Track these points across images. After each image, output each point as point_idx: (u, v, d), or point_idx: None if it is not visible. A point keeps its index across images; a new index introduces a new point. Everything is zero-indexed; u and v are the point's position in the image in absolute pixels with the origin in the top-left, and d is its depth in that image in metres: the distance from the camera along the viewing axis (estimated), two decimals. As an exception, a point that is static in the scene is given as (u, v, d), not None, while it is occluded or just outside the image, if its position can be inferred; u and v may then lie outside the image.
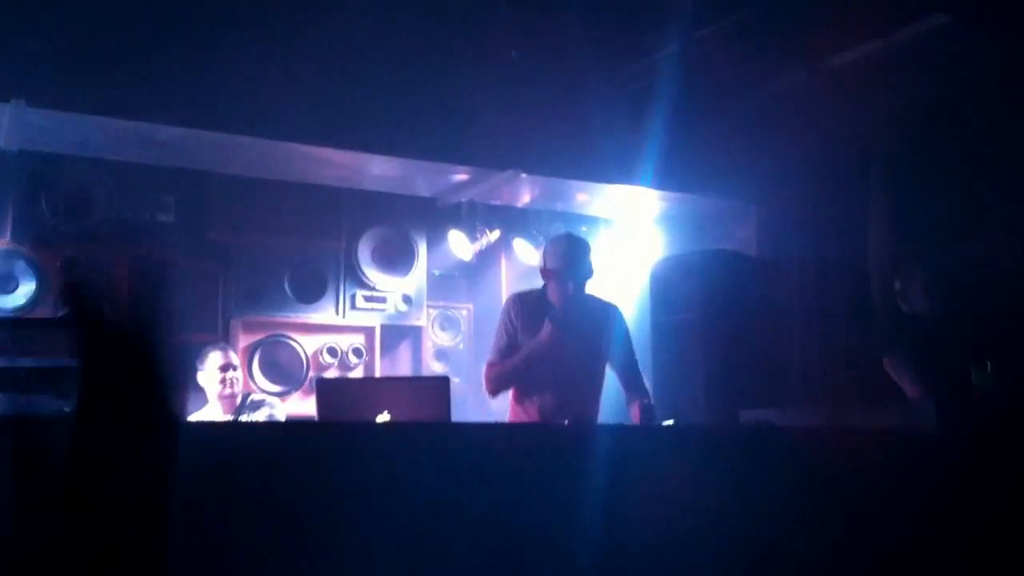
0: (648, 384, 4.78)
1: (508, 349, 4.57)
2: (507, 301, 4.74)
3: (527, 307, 4.62)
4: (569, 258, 4.58)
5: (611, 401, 4.67)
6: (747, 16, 5.09)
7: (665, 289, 5.04)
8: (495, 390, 4.55)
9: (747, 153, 6.23)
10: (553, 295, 4.63)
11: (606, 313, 4.72)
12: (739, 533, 3.14)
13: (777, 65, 5.83)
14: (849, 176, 5.96)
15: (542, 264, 4.69)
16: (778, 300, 5.20)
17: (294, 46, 5.33)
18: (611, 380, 4.66)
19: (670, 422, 3.86)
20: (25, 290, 5.64)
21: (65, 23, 4.81)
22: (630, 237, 7.14)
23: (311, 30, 5.25)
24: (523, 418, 4.50)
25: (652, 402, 4.26)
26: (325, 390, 3.49)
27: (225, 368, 5.11)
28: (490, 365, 4.59)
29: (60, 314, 4.97)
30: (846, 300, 5.58)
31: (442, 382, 3.39)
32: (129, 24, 4.91)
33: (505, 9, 5.14)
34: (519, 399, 4.59)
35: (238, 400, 5.18)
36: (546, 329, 4.39)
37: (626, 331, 4.72)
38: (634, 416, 4.27)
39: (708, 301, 4.69)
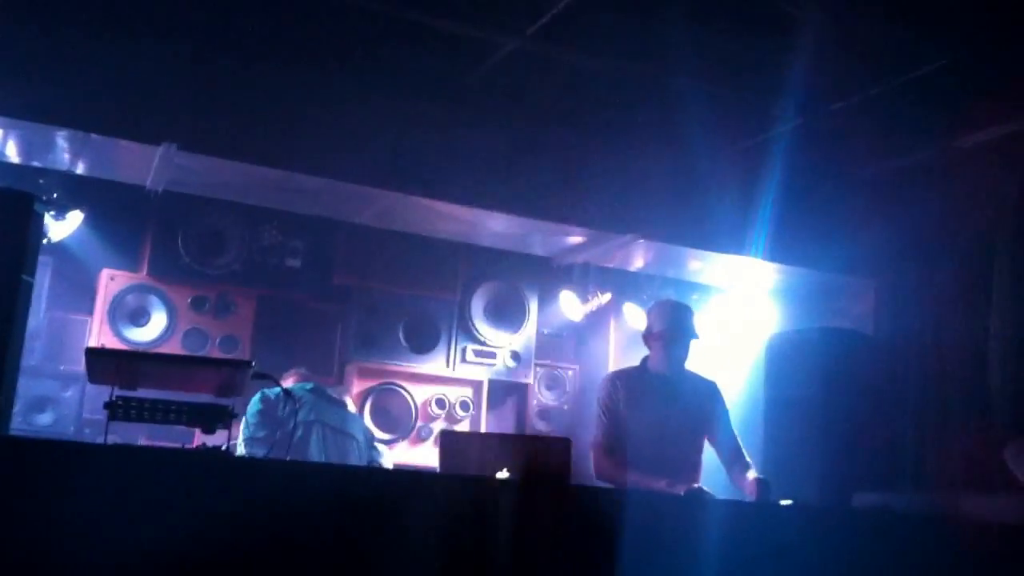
0: (758, 459, 4.73)
1: (614, 427, 4.50)
2: (605, 381, 4.68)
3: (629, 383, 4.59)
4: (676, 320, 4.57)
5: (709, 479, 4.64)
6: (879, 94, 5.07)
7: (781, 365, 4.99)
8: (600, 478, 4.48)
9: (866, 228, 6.16)
10: (654, 362, 4.61)
11: (707, 389, 4.70)
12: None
13: (903, 142, 5.78)
14: (972, 255, 5.85)
15: (647, 329, 4.66)
16: (894, 380, 5.11)
17: (429, 103, 5.52)
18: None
19: (788, 502, 3.81)
20: (156, 324, 5.90)
21: (216, 69, 5.07)
22: (743, 308, 7.08)
23: (446, 88, 5.43)
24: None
25: (766, 478, 4.18)
26: (448, 442, 3.56)
27: None
28: (600, 448, 4.51)
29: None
30: (965, 384, 5.46)
31: (564, 443, 3.41)
32: (277, 76, 5.16)
33: (633, 70, 5.21)
34: (624, 464, 4.51)
35: None
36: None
37: (726, 407, 4.67)
38: (749, 488, 4.21)
39: (826, 379, 4.64)
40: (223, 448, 2.82)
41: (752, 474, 4.30)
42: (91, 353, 2.78)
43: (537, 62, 5.15)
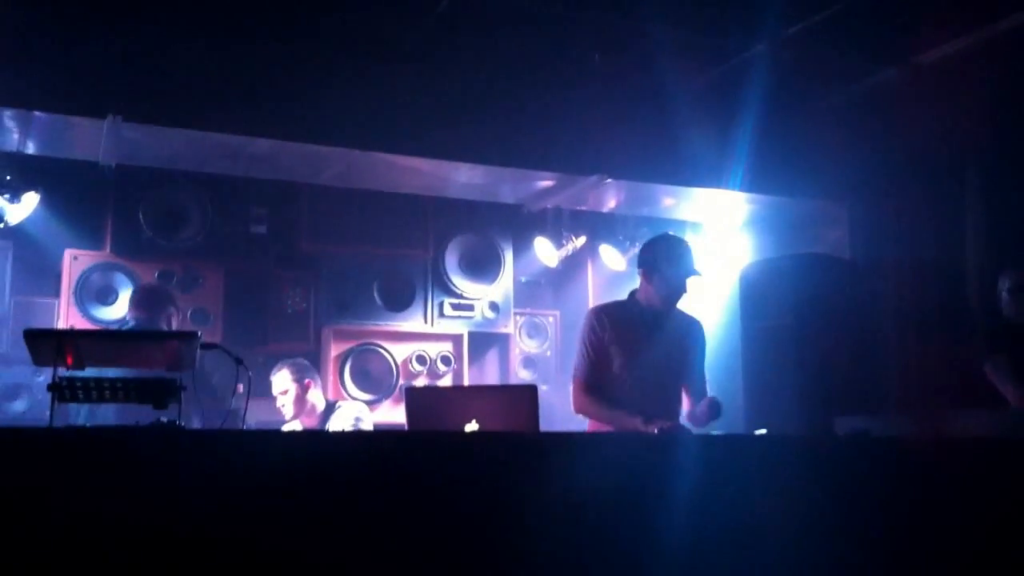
0: (740, 391, 4.71)
1: (599, 364, 4.36)
2: (589, 315, 4.48)
3: (616, 317, 4.43)
4: (678, 256, 4.38)
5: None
6: (835, 14, 4.97)
7: (756, 295, 4.92)
8: (580, 413, 4.42)
9: (837, 153, 6.09)
10: (646, 296, 4.45)
11: (691, 327, 4.59)
12: (834, 543, 3.07)
13: (867, 63, 5.70)
14: (944, 175, 5.78)
15: (647, 263, 4.43)
16: (872, 304, 5.06)
17: (381, 58, 5.41)
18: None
19: (762, 431, 3.77)
20: (125, 302, 5.82)
21: (157, 40, 4.95)
22: (718, 241, 7.02)
23: (397, 42, 5.31)
24: (601, 427, 4.40)
25: (717, 398, 4.14)
26: (414, 399, 3.50)
27: (283, 393, 5.04)
28: (580, 384, 4.39)
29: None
30: (943, 303, 5.42)
31: (530, 391, 3.36)
32: (219, 40, 5.03)
33: (588, 14, 5.11)
34: (608, 400, 4.44)
35: (319, 410, 5.16)
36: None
37: (704, 347, 4.57)
38: (700, 409, 4.16)
39: (801, 307, 4.57)
40: (177, 423, 2.74)
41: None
42: (29, 335, 2.70)
43: (487, 9, 5.03)
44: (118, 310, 5.80)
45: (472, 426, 3.30)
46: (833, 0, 4.91)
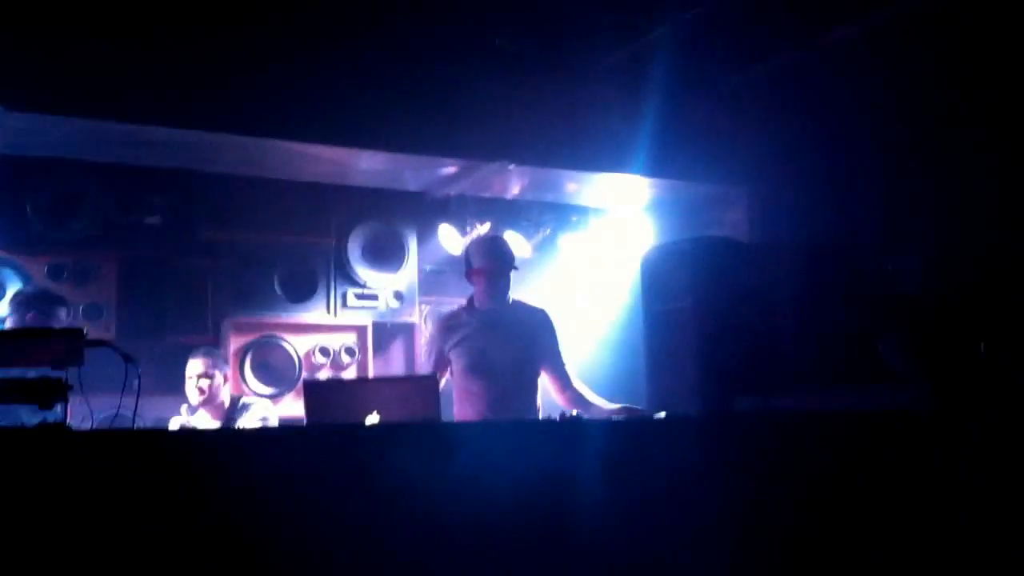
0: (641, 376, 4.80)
1: (440, 371, 4.72)
2: (432, 324, 4.96)
3: (453, 322, 4.78)
4: (490, 253, 4.75)
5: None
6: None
7: (656, 278, 4.97)
8: None
9: (736, 136, 6.19)
10: (479, 298, 4.76)
11: (535, 318, 4.84)
12: (735, 523, 3.12)
13: (765, 45, 5.76)
14: (840, 157, 5.91)
15: (466, 267, 4.81)
16: (770, 285, 5.16)
17: (277, 41, 5.29)
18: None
19: (662, 415, 3.82)
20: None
21: (39, 23, 4.76)
22: (622, 226, 7.08)
23: (293, 24, 5.20)
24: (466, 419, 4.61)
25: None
26: (313, 392, 3.45)
27: (202, 376, 5.03)
28: None
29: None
30: (839, 283, 5.54)
31: (430, 380, 3.35)
32: (106, 22, 4.86)
33: (489, -2, 5.09)
34: (462, 407, 4.68)
35: (226, 404, 5.12)
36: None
37: (554, 334, 4.85)
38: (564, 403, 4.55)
39: (699, 289, 4.64)
40: (64, 423, 2.64)
41: (609, 404, 4.40)
42: (-101, 337, 2.57)
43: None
44: (5, 306, 5.58)
45: (373, 418, 3.26)
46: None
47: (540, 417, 4.65)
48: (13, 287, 5.61)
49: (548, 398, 4.88)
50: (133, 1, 4.84)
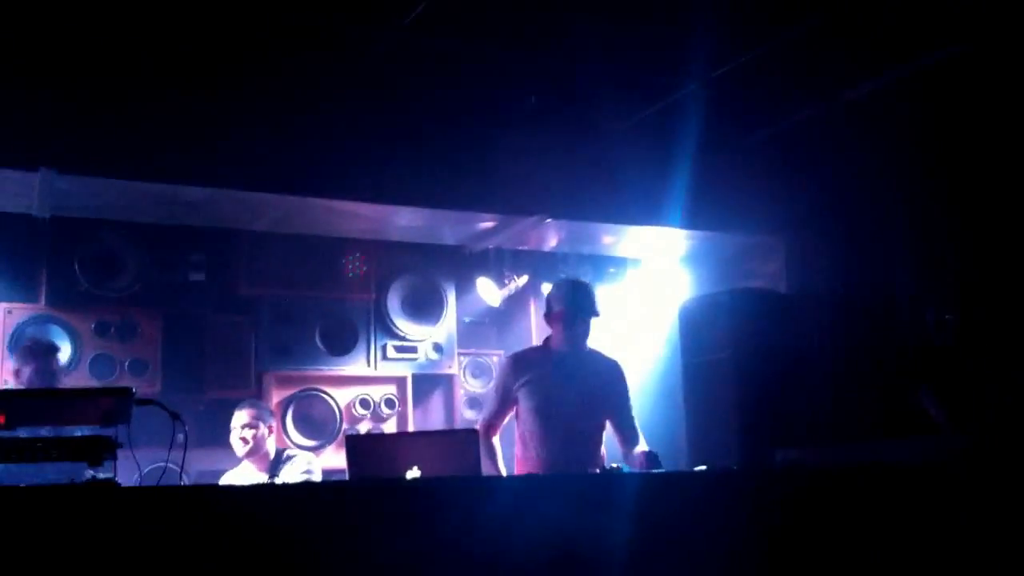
0: (680, 427, 4.78)
1: (499, 412, 4.66)
2: (503, 361, 4.83)
3: (525, 362, 4.69)
4: (574, 299, 4.64)
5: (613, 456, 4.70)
6: (765, 52, 5.09)
7: (694, 330, 5.00)
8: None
9: (770, 187, 6.21)
10: (556, 342, 4.67)
11: (609, 368, 4.76)
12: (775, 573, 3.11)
13: (797, 99, 5.82)
14: (874, 208, 5.91)
15: (547, 309, 4.74)
16: (808, 337, 5.15)
17: (315, 102, 5.41)
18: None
19: (703, 468, 3.81)
20: (62, 355, 5.70)
21: (89, 91, 4.91)
22: (658, 277, 7.11)
23: (331, 86, 5.32)
24: (527, 468, 4.54)
25: (655, 451, 4.27)
26: (355, 447, 3.49)
27: (246, 426, 5.07)
28: (480, 428, 4.63)
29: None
30: (876, 334, 5.53)
31: (470, 435, 3.38)
32: (150, 90, 5.01)
33: (522, 55, 5.17)
34: (523, 448, 4.63)
35: (271, 457, 5.16)
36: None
37: (626, 387, 4.76)
38: (638, 462, 4.27)
39: (738, 341, 4.65)
40: (113, 479, 2.70)
41: (641, 447, 4.36)
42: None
43: (423, 52, 5.07)
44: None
45: (414, 472, 3.30)
46: (762, 39, 5.02)
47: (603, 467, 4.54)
48: (62, 343, 5.72)
49: (615, 448, 4.77)
50: (175, 67, 4.98)
